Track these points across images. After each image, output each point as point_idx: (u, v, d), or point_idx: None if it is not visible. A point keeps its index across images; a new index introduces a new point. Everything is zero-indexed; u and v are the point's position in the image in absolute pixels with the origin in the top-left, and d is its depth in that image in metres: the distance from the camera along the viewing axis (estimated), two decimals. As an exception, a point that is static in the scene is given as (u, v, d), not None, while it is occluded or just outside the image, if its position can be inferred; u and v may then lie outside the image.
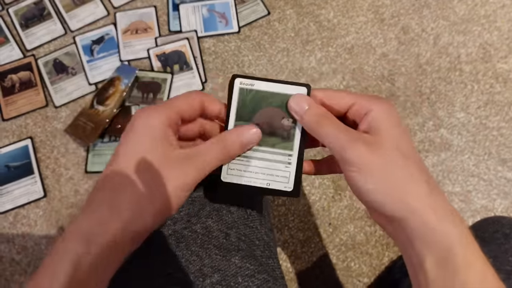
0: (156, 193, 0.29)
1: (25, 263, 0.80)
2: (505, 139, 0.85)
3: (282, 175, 0.34)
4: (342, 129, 0.30)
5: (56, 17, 0.99)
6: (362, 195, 0.30)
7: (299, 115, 0.32)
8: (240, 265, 0.41)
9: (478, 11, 0.97)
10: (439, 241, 0.27)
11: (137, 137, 0.30)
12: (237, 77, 0.34)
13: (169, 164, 0.29)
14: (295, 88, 0.34)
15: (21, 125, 0.90)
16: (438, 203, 0.28)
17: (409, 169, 0.29)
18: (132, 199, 0.28)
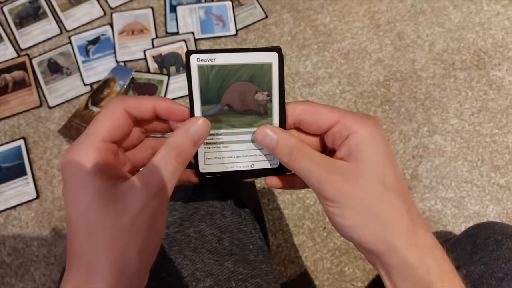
0: (123, 248, 0.25)
1: (16, 265, 0.79)
2: (498, 145, 0.86)
3: (266, 152, 0.31)
4: (317, 161, 0.27)
5: (51, 16, 0.98)
6: (340, 230, 0.28)
7: (269, 148, 0.29)
8: (233, 270, 0.41)
9: (473, 19, 0.98)
10: (419, 278, 0.26)
11: (73, 195, 0.25)
12: (193, 53, 0.28)
13: (119, 211, 0.24)
14: (264, 55, 0.29)
15: (14, 125, 0.89)
16: (419, 238, 0.27)
17: (391, 203, 0.27)
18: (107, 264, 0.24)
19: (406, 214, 0.27)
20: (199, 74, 0.28)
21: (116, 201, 0.24)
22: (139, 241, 0.25)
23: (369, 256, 0.29)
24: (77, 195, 0.25)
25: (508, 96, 0.90)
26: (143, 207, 0.25)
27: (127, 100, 0.27)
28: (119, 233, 0.24)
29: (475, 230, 0.52)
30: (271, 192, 0.83)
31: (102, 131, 0.26)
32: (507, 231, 0.48)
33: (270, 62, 0.29)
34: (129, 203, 0.24)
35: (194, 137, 0.28)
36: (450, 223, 0.81)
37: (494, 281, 0.42)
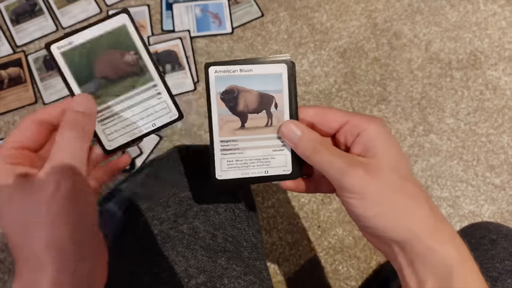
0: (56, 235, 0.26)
1: (9, 261, 0.78)
2: (494, 145, 0.86)
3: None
4: (338, 155, 0.29)
5: (47, 13, 0.98)
6: (361, 222, 0.29)
7: (293, 142, 0.31)
8: (226, 266, 0.41)
9: (469, 18, 0.98)
10: (441, 264, 0.27)
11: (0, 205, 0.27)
12: (52, 43, 0.30)
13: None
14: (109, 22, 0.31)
15: (9, 122, 0.89)
16: (440, 226, 0.28)
17: (409, 191, 0.28)
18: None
19: (425, 201, 0.28)
20: (65, 60, 0.31)
21: (31, 194, 0.26)
22: (64, 223, 0.26)
23: (389, 247, 0.30)
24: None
25: (504, 96, 0.90)
26: (54, 189, 0.26)
27: (36, 112, 0.30)
28: (41, 222, 0.25)
29: (470, 229, 0.52)
30: (265, 190, 0.83)
31: (7, 141, 0.29)
32: (501, 230, 0.48)
33: (123, 23, 0.31)
34: (42, 190, 0.26)
35: (79, 109, 0.29)
36: (445, 222, 0.81)
37: (488, 280, 0.42)
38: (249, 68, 0.31)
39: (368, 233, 0.31)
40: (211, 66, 0.31)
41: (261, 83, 0.32)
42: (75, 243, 0.26)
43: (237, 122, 0.32)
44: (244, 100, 0.32)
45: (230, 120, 0.32)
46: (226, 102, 0.31)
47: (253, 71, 0.31)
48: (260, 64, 0.31)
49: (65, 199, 0.26)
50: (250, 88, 0.32)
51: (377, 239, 0.30)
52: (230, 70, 0.31)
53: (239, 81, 0.31)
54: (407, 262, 0.28)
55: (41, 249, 0.25)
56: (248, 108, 0.32)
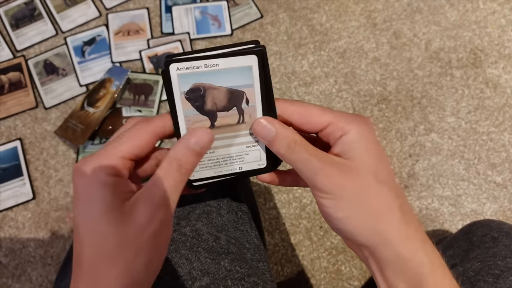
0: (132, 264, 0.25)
1: (12, 266, 0.78)
2: (495, 143, 0.86)
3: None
4: (313, 153, 0.28)
5: (47, 17, 0.98)
6: (332, 223, 0.28)
7: (267, 140, 0.29)
8: (229, 268, 0.41)
9: (469, 17, 0.98)
10: (411, 271, 0.27)
11: (83, 207, 0.25)
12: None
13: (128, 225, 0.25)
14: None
15: (10, 126, 0.89)
16: (411, 233, 0.27)
17: (383, 195, 0.27)
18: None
19: (398, 207, 0.27)
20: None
21: (123, 216, 0.25)
22: (145, 255, 0.25)
23: (360, 251, 0.29)
24: (87, 207, 0.25)
25: (504, 94, 0.90)
26: (148, 220, 0.25)
27: (153, 122, 0.28)
28: (126, 246, 0.24)
29: (472, 227, 0.52)
30: (267, 191, 0.83)
31: (123, 148, 0.27)
32: (503, 228, 0.48)
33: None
34: (135, 217, 0.25)
35: (196, 148, 0.27)
36: (447, 221, 0.81)
37: (490, 278, 0.42)
38: (215, 63, 0.28)
39: (341, 235, 0.30)
40: (172, 64, 0.28)
41: (230, 78, 0.29)
42: (146, 275, 0.25)
43: (206, 122, 0.30)
44: (212, 98, 0.29)
45: (198, 120, 0.30)
46: (192, 102, 0.29)
47: (220, 65, 0.28)
48: (227, 58, 0.28)
49: (155, 231, 0.25)
50: (217, 85, 0.29)
51: (349, 242, 0.30)
52: (194, 66, 0.28)
53: (204, 77, 0.28)
54: (378, 268, 0.28)
55: (114, 274, 0.24)
56: (217, 106, 0.29)
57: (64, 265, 0.49)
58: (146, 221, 0.25)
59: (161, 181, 0.26)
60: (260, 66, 0.29)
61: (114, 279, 0.24)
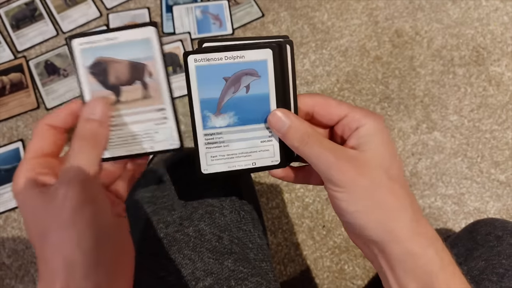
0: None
1: (15, 267, 0.79)
2: (498, 142, 0.86)
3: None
4: (328, 147, 0.28)
5: (47, 18, 0.98)
6: (344, 216, 0.28)
7: (281, 132, 0.29)
8: (233, 269, 0.41)
9: (471, 14, 0.97)
10: (422, 269, 0.26)
11: (21, 209, 0.28)
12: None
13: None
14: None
15: (12, 127, 0.89)
16: (422, 230, 0.27)
17: (395, 192, 0.27)
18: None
19: (410, 204, 0.28)
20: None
21: (47, 203, 0.26)
22: (72, 233, 0.25)
23: (369, 248, 0.29)
24: (22, 209, 0.27)
25: (507, 92, 0.90)
26: (63, 197, 0.26)
27: (45, 117, 0.29)
28: (53, 229, 0.26)
29: (476, 226, 0.52)
30: (270, 191, 0.83)
31: (30, 149, 0.29)
32: (507, 227, 0.48)
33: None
34: (54, 199, 0.26)
35: (92, 117, 0.29)
36: (450, 220, 0.80)
37: (495, 277, 0.42)
38: (115, 36, 0.28)
39: (350, 231, 0.30)
40: (74, 39, 0.28)
41: (131, 51, 0.29)
42: (83, 252, 0.25)
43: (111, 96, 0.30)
44: (115, 72, 0.29)
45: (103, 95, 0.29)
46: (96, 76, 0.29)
47: (119, 38, 0.28)
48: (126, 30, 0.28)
49: (73, 206, 0.26)
50: (119, 58, 0.29)
51: (358, 238, 0.30)
52: (94, 40, 0.28)
53: (106, 51, 0.29)
54: (388, 266, 0.28)
55: (52, 259, 0.25)
56: (120, 80, 0.29)
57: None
58: (61, 199, 0.26)
59: (71, 158, 0.27)
60: (276, 60, 0.29)
61: (51, 259, 0.25)
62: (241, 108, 0.30)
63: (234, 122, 0.30)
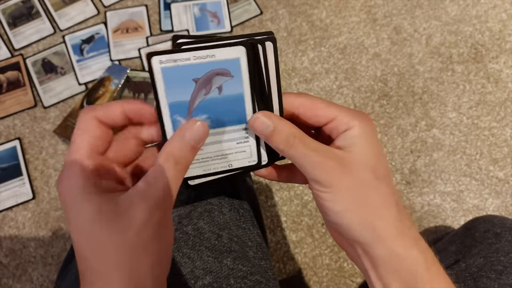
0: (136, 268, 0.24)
1: (13, 266, 0.78)
2: (497, 139, 0.86)
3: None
4: (313, 147, 0.27)
5: (45, 16, 0.98)
6: (328, 216, 0.28)
7: (264, 135, 0.28)
8: (232, 267, 0.41)
9: (469, 12, 0.97)
10: (406, 269, 0.26)
11: (74, 218, 0.24)
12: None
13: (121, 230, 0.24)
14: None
15: (9, 126, 0.88)
16: (406, 230, 0.27)
17: (381, 191, 0.27)
18: None
19: (395, 204, 0.27)
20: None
21: (118, 217, 0.23)
22: (148, 256, 0.24)
23: (353, 248, 0.29)
24: (78, 217, 0.24)
25: (506, 89, 0.90)
26: (146, 220, 0.24)
27: (94, 109, 0.26)
28: (126, 250, 0.23)
29: (474, 223, 0.52)
30: (268, 189, 0.83)
31: (83, 147, 0.26)
32: (506, 224, 0.48)
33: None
34: (131, 217, 0.23)
35: (191, 142, 0.26)
36: (449, 217, 0.81)
37: (493, 274, 0.42)
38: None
39: (334, 230, 0.30)
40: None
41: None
42: (153, 279, 0.24)
43: None
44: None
45: None
46: None
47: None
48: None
49: (155, 231, 0.24)
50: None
51: (341, 238, 0.30)
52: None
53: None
54: (372, 266, 0.28)
55: (119, 279, 0.23)
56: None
57: (65, 265, 0.48)
58: (143, 222, 0.23)
59: (157, 178, 0.25)
60: (250, 58, 0.28)
61: (119, 280, 0.23)
62: (214, 111, 0.28)
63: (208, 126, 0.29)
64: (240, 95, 0.28)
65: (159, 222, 0.24)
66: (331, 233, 0.31)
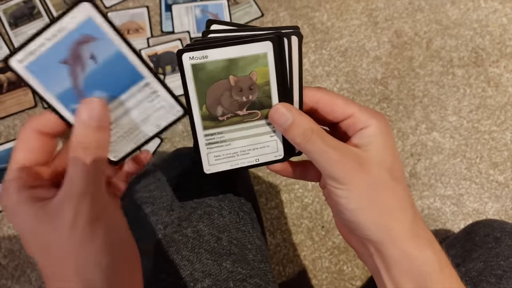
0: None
1: (12, 267, 0.78)
2: (497, 142, 0.86)
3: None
4: (331, 144, 0.27)
5: (46, 16, 0.98)
6: (343, 214, 0.28)
7: (283, 127, 0.28)
8: (231, 270, 0.41)
9: (470, 16, 0.97)
10: (419, 270, 0.26)
11: (17, 227, 0.25)
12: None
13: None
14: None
15: (9, 126, 0.88)
16: (420, 231, 0.27)
17: (397, 193, 0.27)
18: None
19: (410, 206, 0.28)
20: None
21: (52, 219, 0.24)
22: (90, 246, 0.24)
23: (365, 247, 0.29)
24: (19, 226, 0.25)
25: (506, 93, 0.90)
26: (73, 216, 0.24)
27: (33, 120, 0.26)
28: (66, 245, 0.24)
29: (474, 227, 0.52)
30: (269, 191, 0.83)
31: (18, 161, 0.26)
32: (506, 228, 0.48)
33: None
34: (63, 217, 0.24)
35: (92, 123, 0.25)
36: (449, 221, 0.80)
37: (493, 278, 0.42)
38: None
39: (345, 228, 0.30)
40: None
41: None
42: (103, 271, 0.25)
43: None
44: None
45: None
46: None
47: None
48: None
49: (86, 224, 0.24)
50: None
51: (353, 237, 0.30)
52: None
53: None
54: (384, 266, 0.28)
55: (66, 279, 0.24)
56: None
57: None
58: (73, 216, 0.24)
59: (72, 170, 0.25)
60: (277, 52, 0.27)
61: (69, 278, 0.24)
62: (103, 81, 0.26)
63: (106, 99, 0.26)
64: (118, 53, 0.26)
65: (88, 215, 0.24)
66: (341, 231, 0.31)
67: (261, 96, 0.29)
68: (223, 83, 0.28)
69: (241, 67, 0.27)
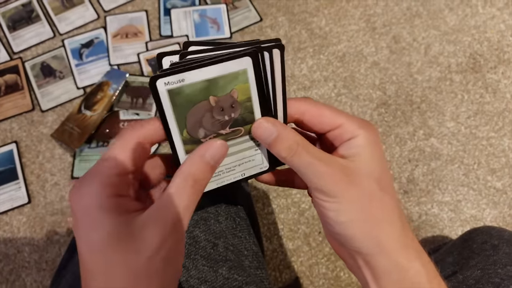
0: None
1: (6, 271, 0.77)
2: (494, 149, 0.86)
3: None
4: (317, 156, 0.26)
5: (44, 19, 0.98)
6: (331, 226, 0.28)
7: (267, 142, 0.27)
8: (227, 276, 0.40)
9: (468, 22, 0.98)
10: (408, 281, 0.26)
11: (86, 234, 0.23)
12: (159, 77, 0.24)
13: (136, 246, 0.23)
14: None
15: (6, 129, 0.88)
16: (409, 242, 0.27)
17: (386, 203, 0.27)
18: None
19: (399, 217, 0.27)
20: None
21: (132, 240, 0.23)
22: (158, 281, 0.24)
23: (354, 259, 0.29)
24: (90, 234, 0.23)
25: (504, 99, 0.90)
26: (160, 245, 0.23)
27: (140, 130, 0.26)
28: (137, 274, 0.23)
29: (472, 234, 0.51)
30: (266, 196, 0.82)
31: (114, 163, 0.24)
32: (503, 235, 0.48)
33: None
34: (145, 241, 0.23)
35: (211, 162, 0.26)
36: (447, 227, 0.80)
37: (490, 286, 0.42)
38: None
39: (334, 240, 0.29)
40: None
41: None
42: None
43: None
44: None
45: None
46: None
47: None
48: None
49: (166, 256, 0.23)
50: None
51: (341, 248, 0.29)
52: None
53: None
54: (373, 278, 0.27)
55: None
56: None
57: (59, 271, 0.48)
58: (157, 245, 0.23)
59: (173, 199, 0.24)
60: (257, 67, 0.27)
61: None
62: None
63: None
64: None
65: (173, 246, 0.24)
66: (331, 243, 0.31)
67: (243, 112, 0.28)
68: (203, 105, 0.26)
69: (221, 86, 0.26)
